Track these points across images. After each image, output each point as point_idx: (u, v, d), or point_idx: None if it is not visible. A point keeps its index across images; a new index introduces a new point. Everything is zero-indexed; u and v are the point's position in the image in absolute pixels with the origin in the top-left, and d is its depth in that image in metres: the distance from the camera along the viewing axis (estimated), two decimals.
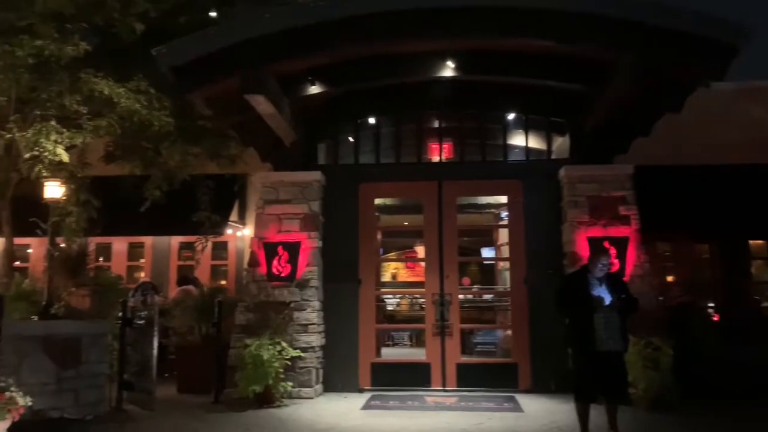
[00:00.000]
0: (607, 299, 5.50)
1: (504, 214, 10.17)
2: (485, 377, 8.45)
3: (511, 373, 8.44)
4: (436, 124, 9.46)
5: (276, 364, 7.28)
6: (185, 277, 10.57)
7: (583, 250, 7.92)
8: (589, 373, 5.56)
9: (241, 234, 11.40)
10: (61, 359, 6.59)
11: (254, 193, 10.89)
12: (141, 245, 11.71)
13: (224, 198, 10.44)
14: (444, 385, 8.40)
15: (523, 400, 7.75)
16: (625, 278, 7.32)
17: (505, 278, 10.51)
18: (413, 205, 10.20)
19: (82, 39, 7.36)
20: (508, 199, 9.14)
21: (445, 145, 9.21)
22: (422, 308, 9.92)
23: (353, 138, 9.30)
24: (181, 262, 11.58)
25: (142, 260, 11.81)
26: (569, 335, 5.95)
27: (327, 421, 6.65)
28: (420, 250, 12.43)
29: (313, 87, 7.97)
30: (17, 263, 10.20)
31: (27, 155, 7.08)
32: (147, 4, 7.89)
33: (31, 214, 7.91)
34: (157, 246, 11.59)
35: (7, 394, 4.08)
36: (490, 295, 12.00)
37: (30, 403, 4.34)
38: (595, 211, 8.24)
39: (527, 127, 9.13)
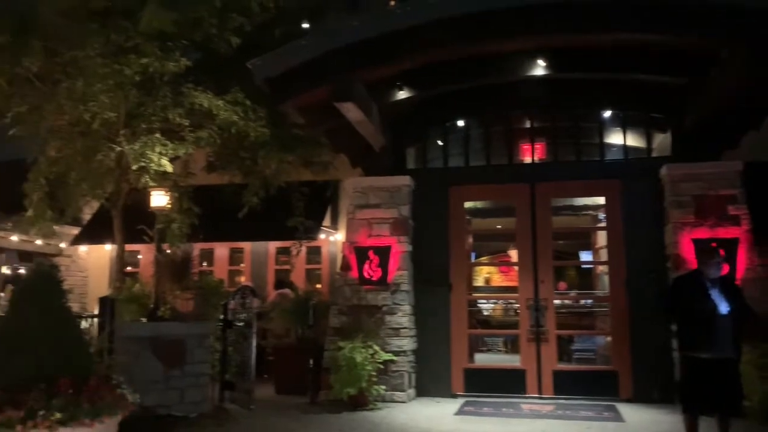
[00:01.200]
0: (722, 304, 5.13)
1: (602, 215, 9.78)
2: (583, 385, 8.14)
3: (611, 381, 8.09)
4: (527, 125, 9.24)
5: (369, 367, 7.36)
6: (281, 280, 10.89)
7: (688, 253, 7.47)
8: (701, 382, 5.20)
9: (333, 239, 11.61)
10: (167, 359, 6.94)
11: (345, 199, 11.07)
12: (241, 250, 12.18)
13: (317, 204, 10.67)
14: (540, 393, 8.17)
15: (624, 409, 7.40)
16: (736, 282, 6.83)
17: (604, 282, 10.10)
18: (505, 208, 10.01)
19: (182, 55, 7.74)
20: (606, 200, 8.78)
21: (537, 146, 8.98)
22: (516, 313, 9.71)
23: (442, 141, 9.26)
24: (278, 266, 11.94)
25: (242, 265, 12.28)
26: (679, 341, 5.59)
27: (420, 426, 6.63)
28: (514, 254, 12.19)
29: (402, 92, 8.02)
30: (128, 268, 10.88)
31: (135, 167, 7.51)
32: (242, 19, 8.18)
33: (139, 222, 8.42)
34: (255, 251, 12.02)
35: (118, 391, 4.33)
36: (588, 300, 11.56)
37: (138, 400, 4.58)
38: (701, 212, 7.75)
39: (625, 125, 8.74)
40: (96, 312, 6.46)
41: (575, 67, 7.77)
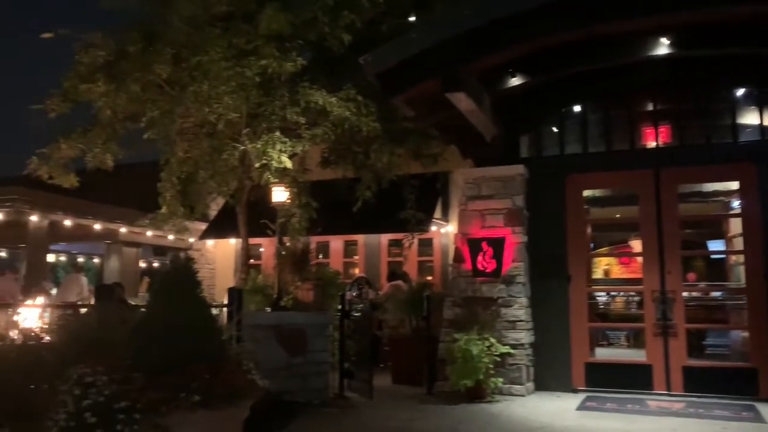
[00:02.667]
0: None
1: (735, 202, 9.06)
2: (717, 382, 7.60)
3: (750, 379, 7.49)
4: (649, 107, 8.72)
5: (485, 360, 7.29)
6: (394, 272, 11.02)
7: None
8: None
9: (444, 230, 11.60)
10: (290, 347, 7.24)
11: (456, 190, 11.02)
12: (355, 243, 12.47)
13: (428, 196, 10.70)
14: (668, 389, 7.73)
15: (766, 410, 6.84)
16: None
17: (739, 273, 9.38)
18: (626, 196, 9.54)
19: (298, 55, 8.03)
20: (740, 185, 8.12)
21: (662, 129, 8.45)
22: (639, 306, 9.23)
23: (557, 128, 8.95)
24: (391, 258, 12.11)
25: (356, 257, 12.58)
26: None
27: (540, 420, 6.48)
28: (635, 244, 11.58)
29: (514, 79, 7.84)
30: (252, 261, 11.46)
31: (257, 164, 7.89)
32: (352, 16, 8.35)
33: (261, 216, 8.83)
34: (368, 243, 12.27)
35: (249, 376, 4.56)
36: (720, 293, 10.79)
37: (267, 386, 4.80)
38: None
39: (761, 103, 8.03)
40: (224, 301, 6.82)
41: (704, 43, 7.25)
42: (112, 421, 3.75)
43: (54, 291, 12.87)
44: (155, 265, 18.08)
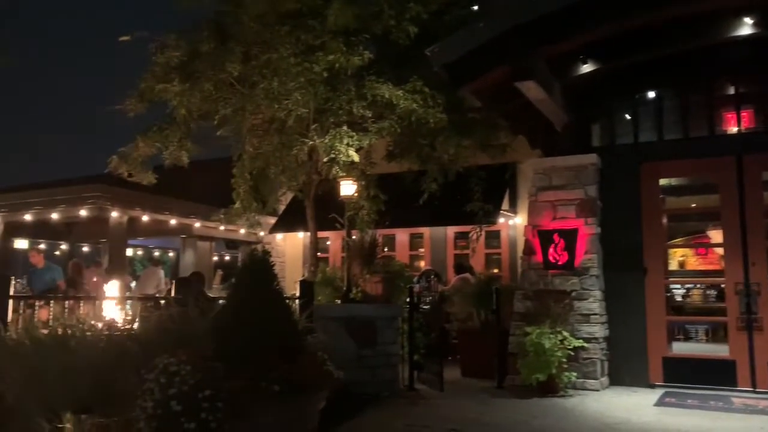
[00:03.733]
0: None
1: None
2: None
3: None
4: (730, 91, 8.32)
5: (558, 354, 7.15)
6: (461, 264, 10.96)
7: None
8: None
9: (512, 222, 11.43)
10: (359, 339, 7.30)
11: (524, 181, 10.83)
12: (420, 235, 12.46)
13: (495, 187, 10.57)
14: (754, 386, 7.38)
15: None
16: None
17: None
18: (703, 185, 9.17)
19: (365, 49, 8.06)
20: None
21: (744, 114, 8.04)
22: (719, 299, 8.83)
23: (631, 115, 8.66)
24: (457, 251, 12.04)
25: (422, 249, 12.57)
26: None
27: (616, 415, 6.32)
28: (714, 235, 11.11)
29: (586, 65, 7.64)
30: (319, 254, 11.63)
31: (325, 159, 7.99)
32: (418, 7, 8.31)
33: (328, 210, 8.94)
34: (434, 236, 12.23)
35: (325, 367, 4.64)
36: None
37: (341, 377, 4.86)
38: None
39: None
40: (295, 293, 6.96)
41: None
42: (196, 409, 3.89)
43: (133, 284, 13.47)
44: (227, 258, 18.64)
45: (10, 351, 5.09)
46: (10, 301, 5.60)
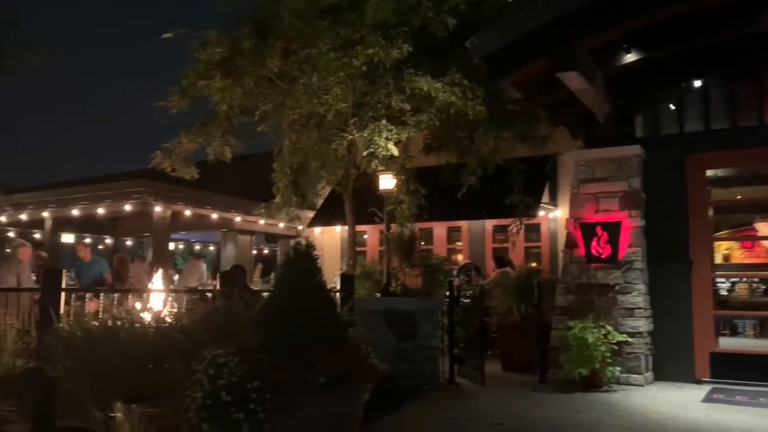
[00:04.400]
0: None
1: None
2: None
3: None
4: None
5: (602, 348, 7.05)
6: (501, 258, 10.86)
7: None
8: None
9: (553, 215, 11.29)
10: (399, 332, 7.31)
11: (564, 173, 10.70)
12: (458, 229, 12.40)
13: (535, 180, 10.44)
14: None
15: None
16: None
17: None
18: (752, 176, 8.90)
19: (403, 42, 8.04)
20: None
21: None
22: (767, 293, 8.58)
23: (676, 105, 8.46)
24: (496, 245, 11.95)
25: (459, 243, 12.51)
26: None
27: (662, 411, 6.20)
28: (761, 227, 10.80)
29: (629, 55, 7.48)
30: (357, 248, 11.68)
31: (364, 153, 8.01)
32: None
33: (365, 204, 8.97)
34: (472, 229, 12.16)
35: (369, 360, 4.65)
36: None
37: (385, 370, 4.88)
38: None
39: None
40: (335, 287, 7.01)
41: None
42: (245, 399, 3.95)
43: (176, 277, 13.74)
44: (265, 252, 18.89)
45: (63, 342, 5.25)
46: (62, 294, 5.78)
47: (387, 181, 8.00)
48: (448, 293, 7.98)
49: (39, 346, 5.39)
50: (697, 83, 8.34)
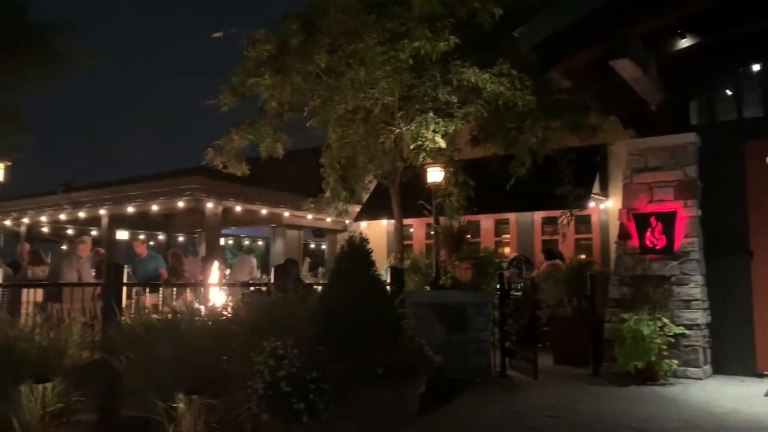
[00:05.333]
0: None
1: None
2: None
3: None
4: None
5: (658, 341, 6.91)
6: (551, 250, 10.72)
7: None
8: None
9: (604, 206, 11.09)
10: (450, 325, 7.32)
11: (615, 163, 10.50)
12: (506, 221, 12.30)
13: (585, 170, 10.27)
14: None
15: None
16: None
17: None
18: None
19: (450, 34, 8.00)
20: None
21: None
22: None
23: (734, 90, 8.19)
24: (545, 237, 11.81)
25: (507, 236, 12.41)
26: None
27: (723, 405, 6.04)
28: None
29: (684, 40, 7.27)
30: (403, 241, 11.71)
31: (412, 146, 8.02)
32: None
33: (411, 197, 8.97)
34: (520, 221, 12.04)
35: (424, 352, 4.68)
36: None
37: (439, 362, 4.90)
38: None
39: None
40: (386, 280, 7.04)
41: None
42: (304, 390, 4.02)
43: (227, 272, 14.03)
44: (311, 246, 19.10)
45: (125, 334, 5.44)
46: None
47: (435, 174, 8.00)
48: (498, 286, 7.93)
49: (103, 339, 5.61)
50: (756, 67, 8.04)
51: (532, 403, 6.23)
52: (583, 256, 11.17)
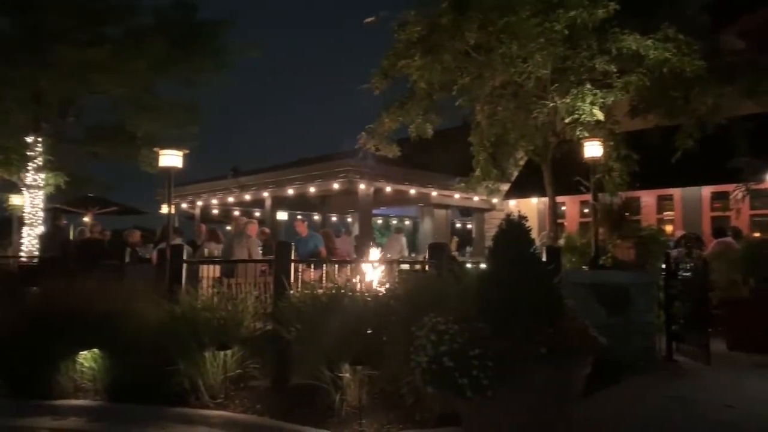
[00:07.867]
0: None
1: None
2: None
3: None
4: None
5: None
6: (721, 228, 9.87)
7: None
8: None
9: None
10: (609, 306, 7.01)
11: None
12: (669, 197, 11.49)
13: (764, 139, 9.29)
14: None
15: None
16: None
17: None
18: None
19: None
20: None
21: None
22: None
23: None
24: (714, 213, 10.89)
25: (670, 212, 11.59)
26: None
27: None
28: None
29: None
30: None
31: (567, 119, 7.72)
32: None
33: (563, 174, 8.63)
34: (686, 197, 11.20)
35: (590, 332, 4.53)
36: None
37: (605, 343, 4.72)
38: None
39: None
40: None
41: None
42: (467, 366, 4.06)
43: (378, 250, 14.47)
44: (457, 225, 19.12)
45: (293, 307, 5.82)
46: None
47: (593, 148, 7.64)
48: (664, 266, 7.45)
49: (274, 311, 6.04)
50: None
51: (703, 390, 5.82)
52: (757, 234, 10.17)
